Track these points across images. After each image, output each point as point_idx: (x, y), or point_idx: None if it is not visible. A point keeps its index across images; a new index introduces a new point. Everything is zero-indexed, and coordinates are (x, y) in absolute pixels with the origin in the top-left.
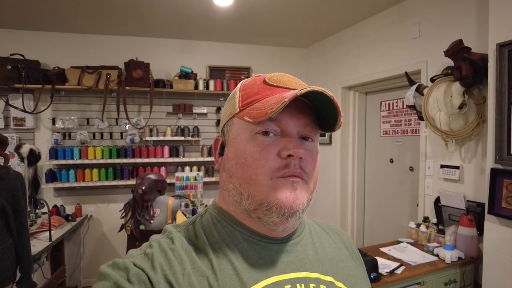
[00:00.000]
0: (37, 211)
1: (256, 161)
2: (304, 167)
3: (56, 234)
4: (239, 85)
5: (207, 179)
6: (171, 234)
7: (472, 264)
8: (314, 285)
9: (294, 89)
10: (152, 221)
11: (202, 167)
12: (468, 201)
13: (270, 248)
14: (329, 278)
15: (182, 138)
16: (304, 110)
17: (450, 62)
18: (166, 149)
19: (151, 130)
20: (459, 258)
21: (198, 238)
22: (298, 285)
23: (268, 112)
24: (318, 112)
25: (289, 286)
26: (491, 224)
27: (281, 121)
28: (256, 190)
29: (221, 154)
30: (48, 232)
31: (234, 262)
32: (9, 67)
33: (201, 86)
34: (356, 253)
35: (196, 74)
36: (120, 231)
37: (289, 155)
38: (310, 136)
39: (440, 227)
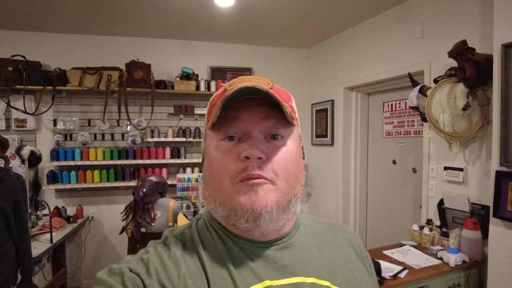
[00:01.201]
0: (38, 212)
1: (220, 167)
2: (264, 165)
3: (57, 235)
4: None
5: None
6: (167, 240)
7: (476, 267)
8: None
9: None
10: (153, 224)
11: None
12: (472, 203)
13: (260, 254)
14: (325, 283)
15: (183, 139)
16: (263, 105)
17: (453, 63)
18: (168, 150)
19: (152, 131)
20: (464, 261)
21: (194, 242)
22: None
23: (209, 119)
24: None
25: None
26: (496, 227)
27: (240, 122)
28: (223, 195)
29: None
30: (49, 234)
31: (228, 265)
32: (10, 68)
33: (202, 87)
34: (364, 252)
35: (197, 75)
36: (121, 233)
37: (247, 157)
38: (276, 131)
39: (444, 229)
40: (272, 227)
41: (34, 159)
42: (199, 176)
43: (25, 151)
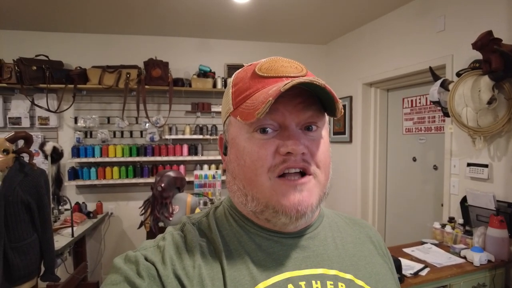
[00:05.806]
0: (60, 207)
1: (254, 161)
2: (308, 159)
3: (78, 230)
4: (232, 78)
5: (225, 177)
6: (185, 226)
7: (503, 267)
8: (332, 283)
9: (288, 77)
10: (171, 218)
11: (220, 165)
12: (498, 201)
13: (283, 243)
14: (348, 276)
15: (200, 136)
16: (300, 94)
17: (477, 56)
18: (185, 148)
19: (170, 129)
20: (489, 261)
21: (211, 231)
22: (313, 282)
23: (255, 114)
24: (320, 97)
25: (304, 282)
26: None
27: (277, 113)
28: (258, 192)
29: (225, 153)
30: (70, 228)
31: (245, 256)
32: (34, 67)
33: (219, 85)
34: (384, 249)
35: (214, 73)
36: (139, 227)
37: (289, 152)
38: (313, 122)
39: (467, 228)
40: (308, 220)
41: (56, 155)
42: (216, 172)
43: (48, 147)
